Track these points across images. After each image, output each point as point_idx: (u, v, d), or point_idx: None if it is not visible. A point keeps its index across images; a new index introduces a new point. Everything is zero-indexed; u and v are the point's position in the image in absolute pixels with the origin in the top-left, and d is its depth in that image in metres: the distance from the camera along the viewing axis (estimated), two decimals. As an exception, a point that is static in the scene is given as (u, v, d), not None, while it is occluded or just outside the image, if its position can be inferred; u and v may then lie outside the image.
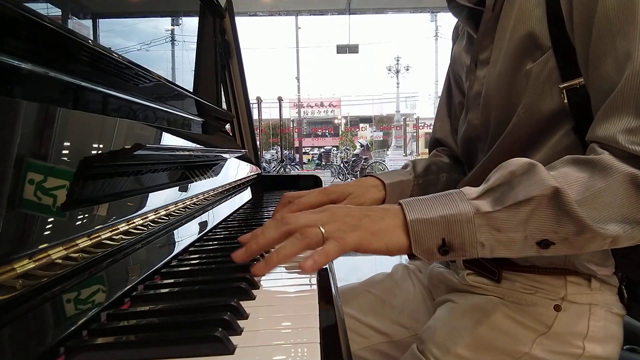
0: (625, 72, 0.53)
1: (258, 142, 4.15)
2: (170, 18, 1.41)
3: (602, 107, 0.56)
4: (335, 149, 19.27)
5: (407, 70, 23.84)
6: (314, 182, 1.51)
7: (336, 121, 26.78)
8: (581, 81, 0.60)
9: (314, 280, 0.52)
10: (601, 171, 0.52)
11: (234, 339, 0.36)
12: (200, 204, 0.80)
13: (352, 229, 0.52)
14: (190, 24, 1.45)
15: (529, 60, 0.65)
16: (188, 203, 0.74)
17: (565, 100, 0.62)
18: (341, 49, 18.13)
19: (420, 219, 0.52)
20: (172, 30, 1.39)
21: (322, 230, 0.52)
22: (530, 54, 0.65)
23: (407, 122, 18.40)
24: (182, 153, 0.80)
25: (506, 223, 0.51)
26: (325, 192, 0.76)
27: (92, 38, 0.85)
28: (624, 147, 0.52)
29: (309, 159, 19.10)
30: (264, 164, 11.82)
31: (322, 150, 19.09)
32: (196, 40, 1.44)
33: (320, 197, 0.74)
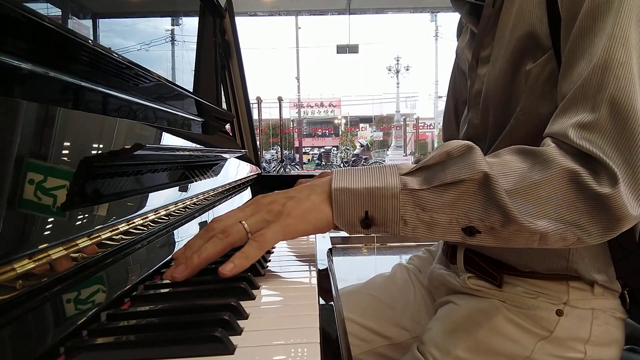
0: (590, 66, 0.52)
1: (258, 142, 4.15)
2: (170, 18, 1.41)
3: (561, 103, 0.55)
4: (335, 149, 19.26)
5: (407, 70, 23.84)
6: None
7: (336, 121, 26.77)
8: None
9: (314, 281, 0.52)
10: (542, 164, 0.51)
11: (234, 339, 0.36)
12: (200, 204, 0.80)
13: (275, 218, 0.51)
14: (190, 24, 1.44)
15: (529, 61, 0.64)
16: (188, 203, 0.74)
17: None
18: (341, 49, 18.12)
19: (345, 189, 0.51)
20: (172, 30, 1.39)
21: (245, 225, 0.51)
22: (530, 54, 0.63)
23: (407, 122, 18.39)
24: (182, 153, 0.80)
25: (431, 203, 0.50)
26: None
27: (92, 38, 0.85)
28: (572, 142, 0.50)
29: (309, 159, 19.09)
30: (264, 164, 11.82)
31: (322, 150, 19.08)
32: (196, 40, 1.44)
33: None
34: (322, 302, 0.45)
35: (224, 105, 1.61)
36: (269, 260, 0.62)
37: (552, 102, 0.61)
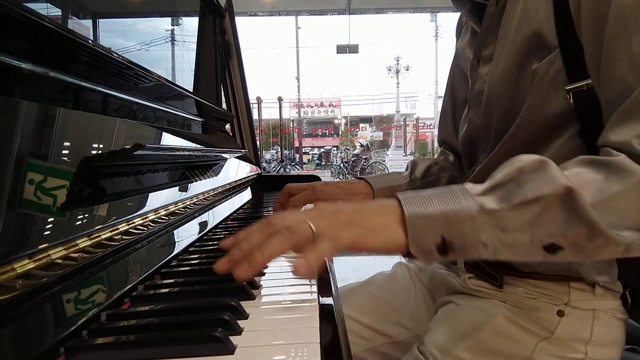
0: None
1: (258, 142, 4.15)
2: (170, 18, 1.41)
3: (617, 112, 0.53)
4: (335, 149, 19.26)
5: (407, 70, 23.84)
6: (314, 181, 1.51)
7: (336, 121, 26.78)
8: (588, 83, 0.58)
9: (314, 281, 0.52)
10: (617, 173, 0.49)
11: (234, 339, 0.36)
12: (200, 204, 0.80)
13: (344, 226, 0.48)
14: (190, 24, 1.45)
15: (535, 60, 0.63)
16: (188, 203, 0.74)
17: (572, 103, 0.60)
18: (341, 49, 18.12)
19: (419, 214, 0.48)
20: (172, 30, 1.39)
21: (312, 225, 0.47)
22: (535, 53, 0.63)
23: (407, 122, 18.39)
24: (182, 153, 0.80)
25: (512, 223, 0.47)
26: (315, 190, 0.82)
27: (92, 38, 0.85)
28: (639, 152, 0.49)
29: (309, 159, 19.10)
30: (264, 164, 11.82)
31: (322, 150, 19.09)
32: (196, 40, 1.44)
33: (309, 195, 0.81)
34: (322, 301, 0.45)
35: (224, 105, 1.61)
36: (263, 269, 0.62)
37: (558, 101, 0.61)
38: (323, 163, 16.76)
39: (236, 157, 1.26)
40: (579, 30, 0.58)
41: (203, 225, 0.78)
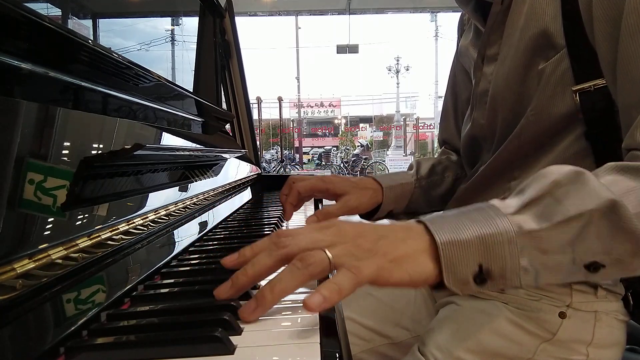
0: None
1: (258, 142, 4.15)
2: (170, 18, 1.41)
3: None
4: (335, 149, 19.27)
5: (407, 70, 23.84)
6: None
7: (336, 121, 26.78)
8: (596, 84, 0.57)
9: (314, 281, 0.52)
10: None
11: (234, 339, 0.36)
12: (200, 204, 0.80)
13: (367, 255, 0.42)
14: (190, 24, 1.45)
15: (541, 60, 0.62)
16: (188, 203, 0.74)
17: (578, 104, 0.59)
18: (341, 49, 18.13)
19: (453, 241, 0.42)
20: (172, 30, 1.39)
21: (329, 254, 0.41)
22: (542, 53, 0.62)
23: (407, 122, 18.40)
24: (182, 153, 0.80)
25: (553, 243, 0.43)
26: (324, 180, 0.78)
27: (92, 38, 0.85)
28: None
29: (309, 159, 19.10)
30: (264, 164, 11.82)
31: (322, 150, 19.09)
32: (196, 40, 1.44)
33: (318, 183, 0.76)
34: (322, 302, 0.45)
35: (224, 105, 1.61)
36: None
37: (565, 102, 0.60)
38: (323, 163, 16.76)
39: (236, 157, 1.26)
40: (589, 30, 0.57)
41: (203, 225, 0.78)
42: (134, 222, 0.53)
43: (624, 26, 0.52)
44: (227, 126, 1.62)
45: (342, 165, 14.00)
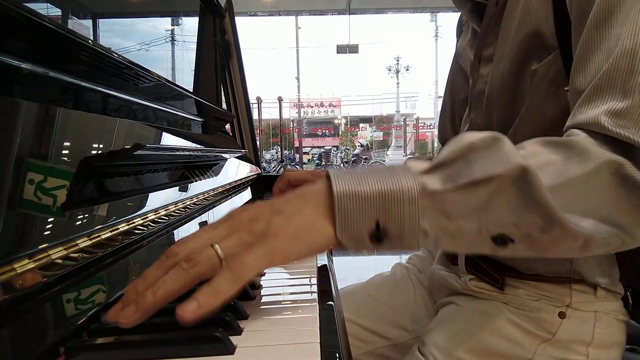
0: (613, 53, 0.47)
1: (258, 142, 4.15)
2: (170, 18, 1.41)
3: (584, 93, 0.50)
4: (335, 149, 19.28)
5: (407, 70, 23.85)
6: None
7: (336, 121, 26.79)
8: None
9: (314, 281, 0.52)
10: (578, 155, 0.44)
11: (234, 339, 0.36)
12: (200, 204, 0.80)
13: (258, 240, 0.39)
14: (190, 24, 1.45)
15: (534, 61, 0.62)
16: (188, 203, 0.74)
17: (571, 104, 0.58)
18: (341, 49, 18.13)
19: (352, 193, 0.40)
20: (172, 30, 1.39)
21: (218, 250, 0.38)
22: (535, 54, 0.62)
23: (407, 122, 18.40)
24: (182, 153, 0.80)
25: (458, 207, 0.40)
26: (313, 173, 0.78)
27: (92, 38, 0.85)
28: (608, 131, 0.45)
29: (309, 159, 19.10)
30: (264, 164, 11.82)
31: (322, 150, 19.10)
32: (196, 40, 1.44)
33: (307, 175, 0.76)
34: (322, 301, 0.45)
35: (224, 105, 1.61)
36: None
37: (558, 102, 0.60)
38: (323, 163, 16.77)
39: (236, 157, 1.26)
40: (574, 28, 0.57)
41: (203, 225, 0.78)
42: (134, 222, 0.53)
43: (592, 17, 0.51)
44: (227, 126, 1.62)
45: (342, 165, 14.01)
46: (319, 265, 0.59)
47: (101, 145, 0.53)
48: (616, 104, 0.46)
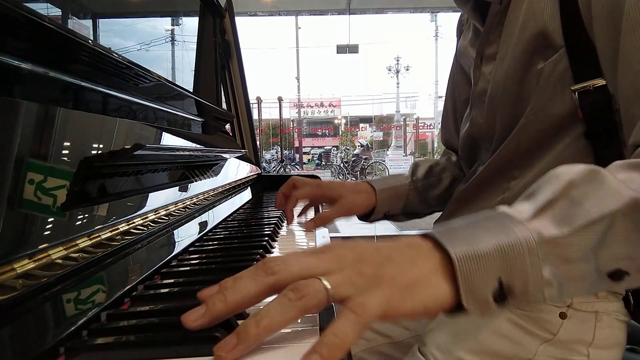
0: None
1: (258, 142, 4.15)
2: (170, 18, 1.41)
3: None
4: (335, 149, 19.27)
5: (407, 70, 23.85)
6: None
7: (336, 121, 26.79)
8: (595, 83, 0.57)
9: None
10: None
11: (234, 339, 0.36)
12: (200, 204, 0.80)
13: (371, 284, 0.35)
14: (190, 24, 1.45)
15: (540, 59, 0.62)
16: (188, 203, 0.74)
17: (577, 103, 0.58)
18: (341, 49, 18.13)
19: (470, 255, 0.36)
20: (172, 30, 1.39)
21: (326, 284, 0.34)
22: (541, 53, 0.62)
23: (407, 122, 18.40)
24: (182, 153, 0.80)
25: (577, 251, 0.38)
26: (321, 187, 0.82)
27: (92, 38, 0.85)
28: None
29: (309, 159, 19.10)
30: (264, 164, 11.82)
31: (322, 150, 19.10)
32: (196, 40, 1.44)
33: (315, 190, 0.81)
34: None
35: (224, 105, 1.61)
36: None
37: (564, 102, 0.60)
38: (323, 163, 16.77)
39: (236, 157, 1.26)
40: (589, 28, 0.56)
41: (203, 225, 0.78)
42: (134, 222, 0.53)
43: (626, 20, 0.51)
44: (227, 126, 1.62)
45: (342, 165, 14.00)
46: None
47: (101, 145, 0.53)
48: None
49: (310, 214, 0.95)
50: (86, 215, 0.46)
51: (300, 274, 0.35)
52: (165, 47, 1.34)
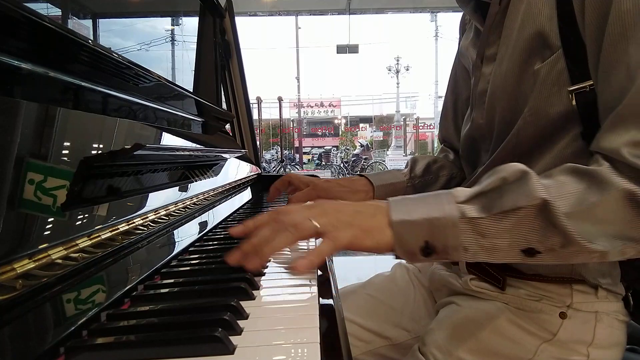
0: (636, 82, 0.50)
1: (258, 142, 4.15)
2: (170, 18, 1.41)
3: (609, 117, 0.53)
4: (335, 149, 19.25)
5: (407, 70, 23.82)
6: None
7: (336, 121, 26.76)
8: (591, 84, 0.58)
9: (314, 281, 0.52)
10: (598, 185, 0.50)
11: (234, 339, 0.36)
12: (200, 204, 0.80)
13: (345, 226, 0.52)
14: (190, 24, 1.44)
15: (537, 60, 0.62)
16: (188, 203, 0.74)
17: (574, 104, 0.59)
18: (341, 49, 18.12)
19: (404, 221, 0.52)
20: (172, 30, 1.39)
21: (316, 223, 0.51)
22: (538, 54, 0.62)
23: (407, 122, 18.40)
24: (182, 153, 0.80)
25: (491, 230, 0.51)
26: (316, 188, 0.85)
27: (92, 38, 0.85)
28: (627, 161, 0.50)
29: (309, 159, 19.09)
30: (264, 164, 11.82)
31: (322, 150, 19.08)
32: (196, 40, 1.44)
33: (311, 193, 0.84)
34: (322, 301, 0.45)
35: (224, 105, 1.61)
36: (269, 260, 0.62)
37: (561, 102, 0.60)
38: (323, 163, 16.75)
39: (236, 157, 1.26)
40: (582, 31, 0.57)
41: (203, 225, 0.78)
42: (134, 222, 0.53)
43: (607, 34, 0.54)
44: (227, 126, 1.62)
45: (342, 165, 13.99)
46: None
47: (101, 145, 0.53)
48: (637, 135, 0.50)
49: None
50: (86, 215, 0.46)
51: (300, 219, 0.52)
52: (165, 47, 1.33)
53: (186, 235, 0.69)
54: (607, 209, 0.50)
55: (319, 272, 0.55)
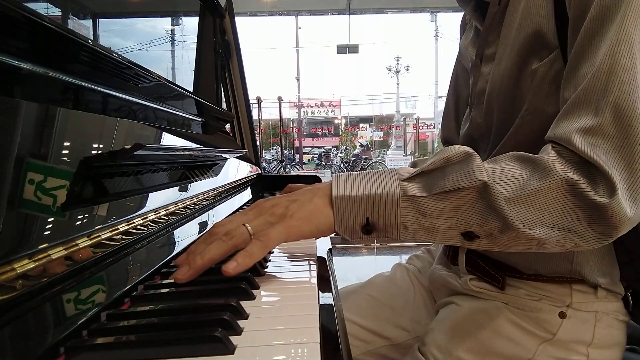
0: (593, 69, 0.51)
1: (258, 142, 4.15)
2: (170, 18, 1.41)
3: (565, 105, 0.54)
4: (335, 149, 19.25)
5: (407, 70, 23.81)
6: (314, 181, 1.51)
7: (336, 121, 26.75)
8: None
9: (314, 281, 0.52)
10: (541, 172, 0.51)
11: (234, 339, 0.36)
12: (200, 204, 0.80)
13: (278, 220, 0.51)
14: (190, 24, 1.44)
15: (535, 60, 0.63)
16: (188, 203, 0.74)
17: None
18: (341, 49, 18.11)
19: (345, 196, 0.51)
20: (172, 30, 1.39)
21: (248, 227, 0.51)
22: (536, 53, 0.63)
23: (407, 122, 18.39)
24: (182, 153, 0.80)
25: (431, 209, 0.51)
26: None
27: (92, 38, 0.85)
28: (575, 148, 0.50)
29: (309, 159, 19.08)
30: (264, 164, 11.82)
31: (322, 150, 19.08)
32: (196, 40, 1.44)
33: None
34: (322, 302, 0.45)
35: (224, 105, 1.61)
36: (269, 261, 0.62)
37: (558, 101, 0.60)
38: (323, 163, 16.75)
39: (236, 157, 1.26)
40: (570, 30, 0.58)
41: (203, 225, 0.78)
42: (134, 222, 0.53)
43: (584, 29, 0.54)
44: (227, 126, 1.62)
45: (342, 165, 13.99)
46: (318, 265, 0.59)
47: (101, 145, 0.53)
48: (588, 121, 0.50)
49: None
50: (86, 215, 0.46)
51: (233, 227, 0.51)
52: (165, 47, 1.33)
53: (186, 235, 0.69)
54: (548, 197, 0.50)
55: (319, 273, 0.55)
